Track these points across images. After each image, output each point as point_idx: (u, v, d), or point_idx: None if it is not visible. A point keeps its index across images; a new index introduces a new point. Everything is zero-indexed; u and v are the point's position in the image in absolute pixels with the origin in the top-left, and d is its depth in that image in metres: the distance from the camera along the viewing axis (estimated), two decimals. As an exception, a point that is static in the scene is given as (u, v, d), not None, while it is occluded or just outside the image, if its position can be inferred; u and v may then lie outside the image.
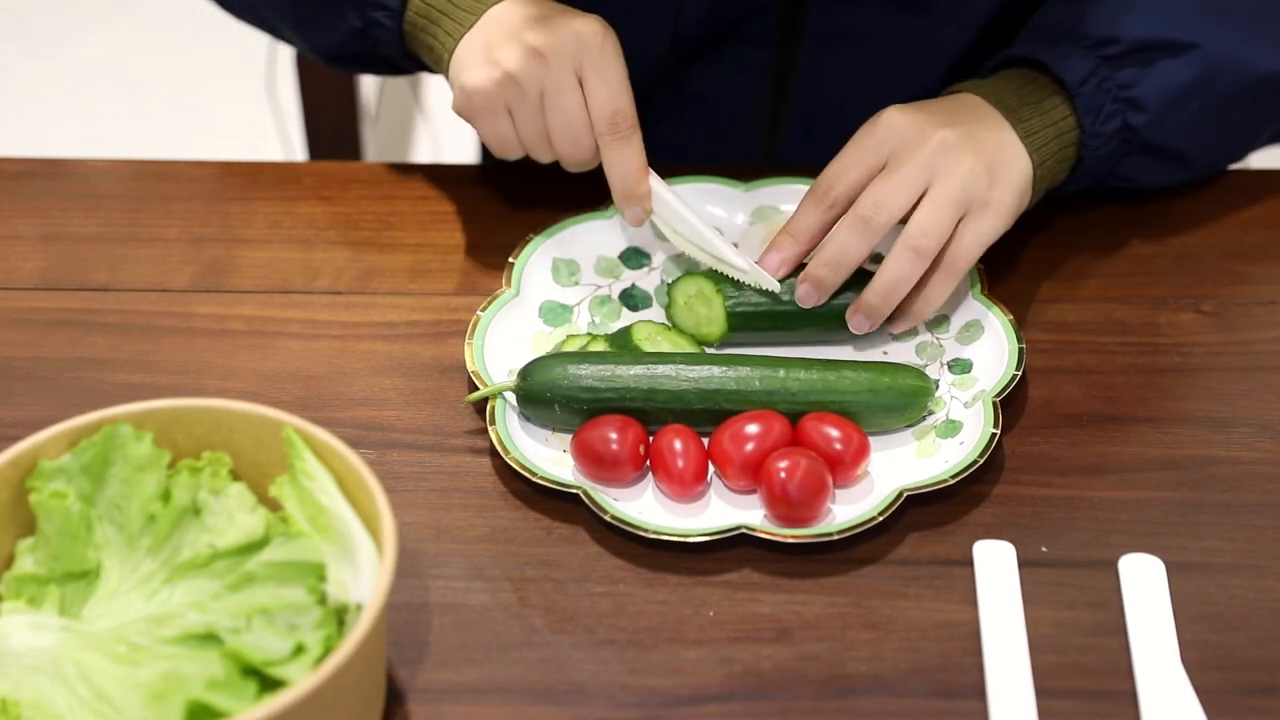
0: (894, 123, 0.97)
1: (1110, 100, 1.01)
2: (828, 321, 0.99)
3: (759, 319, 0.99)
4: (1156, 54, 1.01)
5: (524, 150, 1.02)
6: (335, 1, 1.07)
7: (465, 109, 1.01)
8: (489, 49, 0.99)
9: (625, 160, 1.00)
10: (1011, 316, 0.99)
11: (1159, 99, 1.02)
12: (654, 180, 1.01)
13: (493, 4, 1.02)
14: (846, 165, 0.97)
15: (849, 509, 0.90)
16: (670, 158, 1.19)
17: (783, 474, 0.88)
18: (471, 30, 1.01)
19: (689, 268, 1.05)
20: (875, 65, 1.14)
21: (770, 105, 1.19)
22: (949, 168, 0.95)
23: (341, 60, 1.14)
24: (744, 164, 1.20)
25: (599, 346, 0.98)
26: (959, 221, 0.95)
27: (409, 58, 1.09)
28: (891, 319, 0.98)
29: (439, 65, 1.05)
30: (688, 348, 0.99)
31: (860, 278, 0.98)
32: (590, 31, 0.97)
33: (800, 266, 0.99)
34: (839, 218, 0.97)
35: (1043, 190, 1.02)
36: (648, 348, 0.98)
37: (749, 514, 0.91)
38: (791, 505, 0.88)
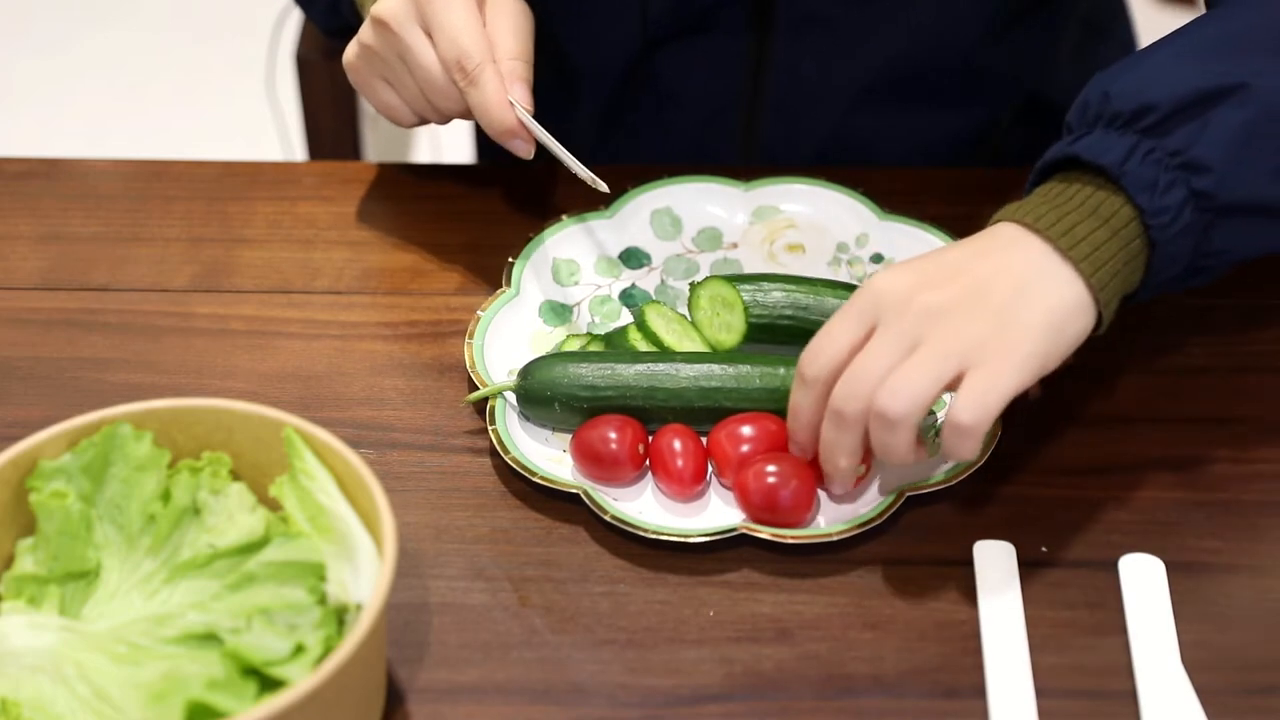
0: (879, 286, 0.86)
1: (1164, 171, 0.88)
2: None
3: (776, 331, 0.99)
4: (1204, 107, 0.88)
5: (414, 115, 1.03)
6: None
7: (351, 83, 1.04)
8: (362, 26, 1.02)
9: (482, 100, 0.98)
10: (1011, 316, 0.99)
11: (1222, 152, 0.88)
12: (521, 113, 0.99)
13: None
14: (825, 339, 0.86)
15: (849, 509, 0.90)
16: (653, 155, 1.19)
17: (756, 481, 0.89)
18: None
19: (701, 270, 1.05)
20: (847, 49, 1.14)
21: (748, 95, 1.19)
22: (935, 330, 0.84)
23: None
24: (726, 156, 1.21)
25: (599, 346, 0.98)
26: (958, 380, 0.83)
27: None
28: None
29: None
30: (696, 338, 0.98)
31: None
32: None
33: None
34: (828, 394, 0.86)
35: (1115, 298, 0.88)
36: (660, 327, 0.98)
37: (749, 514, 0.91)
38: (769, 510, 0.88)
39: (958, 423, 0.82)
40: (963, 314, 0.84)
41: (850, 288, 0.99)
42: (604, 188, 0.99)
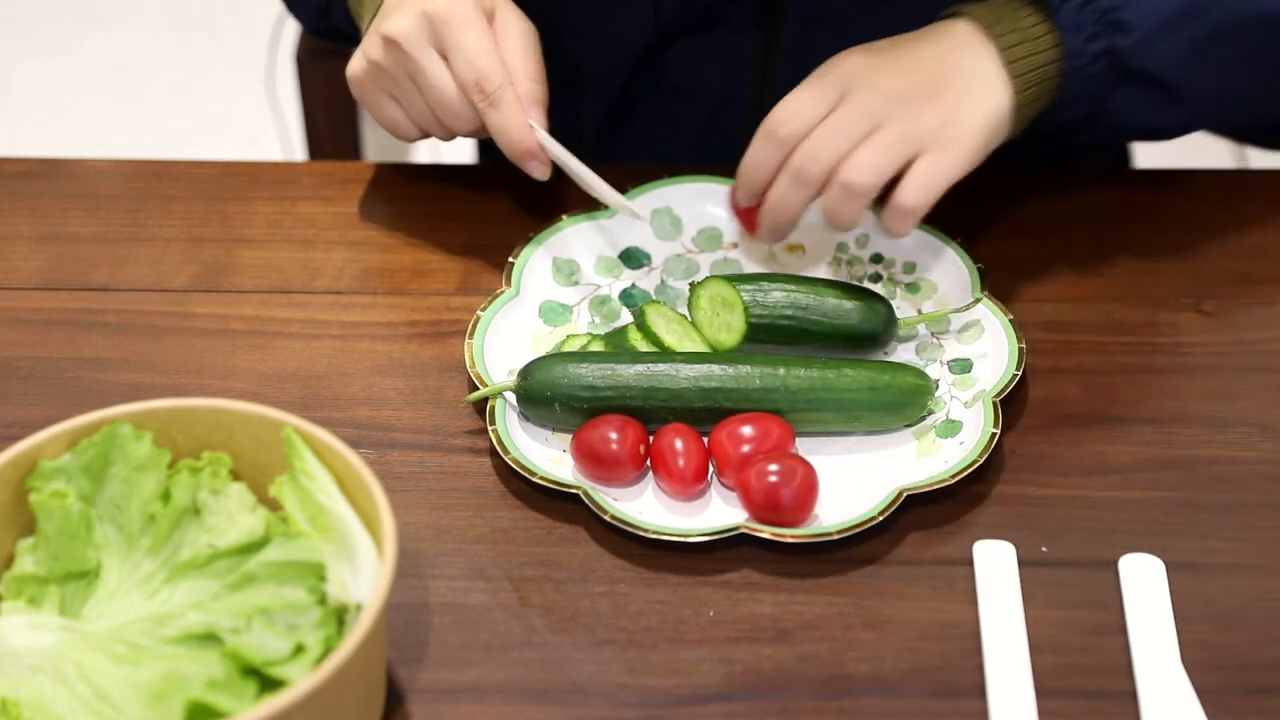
0: (850, 64, 0.96)
1: (1094, 21, 0.98)
2: (842, 340, 0.98)
3: (776, 331, 0.99)
4: None
5: (419, 131, 1.04)
6: None
7: (355, 96, 1.05)
8: (365, 39, 1.03)
9: (502, 122, 1.00)
10: (1011, 316, 0.99)
11: (1146, 21, 0.98)
12: (541, 134, 1.01)
13: None
14: (798, 104, 0.96)
15: (849, 509, 0.90)
16: (658, 154, 1.19)
17: (759, 480, 0.89)
18: (375, 17, 1.04)
19: (701, 270, 1.05)
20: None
21: (754, 93, 1.19)
22: (898, 112, 0.94)
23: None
24: (732, 153, 1.20)
25: (599, 346, 0.98)
26: (910, 162, 0.94)
27: None
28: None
29: None
30: (696, 338, 0.98)
31: (874, 299, 0.98)
32: (436, 8, 0.98)
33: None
34: (789, 156, 0.96)
35: (1026, 118, 0.99)
36: (660, 327, 0.98)
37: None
38: (771, 510, 0.88)
39: (903, 204, 0.94)
40: (921, 101, 0.94)
41: (850, 288, 0.99)
42: (640, 214, 1.00)
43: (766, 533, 0.87)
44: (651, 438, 0.93)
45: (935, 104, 0.95)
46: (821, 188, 0.95)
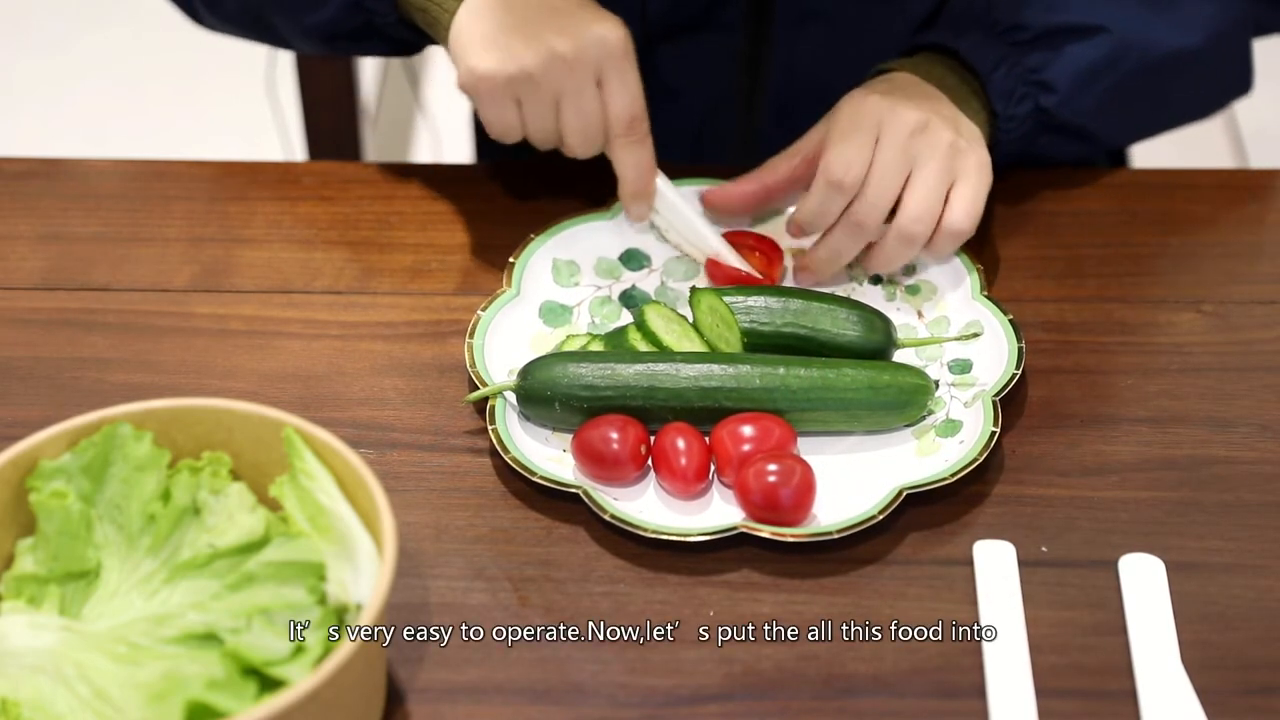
0: (872, 105, 1.00)
1: (1021, 84, 1.05)
2: (842, 355, 0.98)
3: (775, 349, 0.98)
4: (1064, 38, 1.06)
5: (521, 137, 1.01)
6: None
7: (471, 91, 1.00)
8: (503, 35, 0.98)
9: (639, 161, 1.01)
10: (1011, 316, 0.99)
11: (1069, 80, 1.06)
12: (659, 179, 1.02)
13: None
14: (850, 153, 0.99)
15: (849, 508, 0.90)
16: None
17: (757, 479, 0.89)
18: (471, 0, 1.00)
19: (702, 272, 1.05)
20: (847, 44, 1.15)
21: (745, 90, 1.19)
22: (930, 147, 0.99)
23: (339, 39, 1.12)
24: (725, 154, 1.21)
25: (599, 346, 0.98)
26: (948, 190, 1.00)
27: (406, 26, 1.07)
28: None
29: (434, 30, 1.04)
30: (696, 338, 0.98)
31: (869, 314, 0.98)
32: (615, 37, 0.98)
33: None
34: (849, 207, 1.00)
35: None
36: (660, 328, 0.97)
37: (749, 514, 0.91)
38: (770, 509, 0.88)
39: (958, 229, 1.00)
40: (937, 127, 1.00)
41: (852, 305, 0.99)
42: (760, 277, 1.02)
43: (766, 532, 0.87)
44: (652, 438, 0.93)
45: (947, 127, 1.00)
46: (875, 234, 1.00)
